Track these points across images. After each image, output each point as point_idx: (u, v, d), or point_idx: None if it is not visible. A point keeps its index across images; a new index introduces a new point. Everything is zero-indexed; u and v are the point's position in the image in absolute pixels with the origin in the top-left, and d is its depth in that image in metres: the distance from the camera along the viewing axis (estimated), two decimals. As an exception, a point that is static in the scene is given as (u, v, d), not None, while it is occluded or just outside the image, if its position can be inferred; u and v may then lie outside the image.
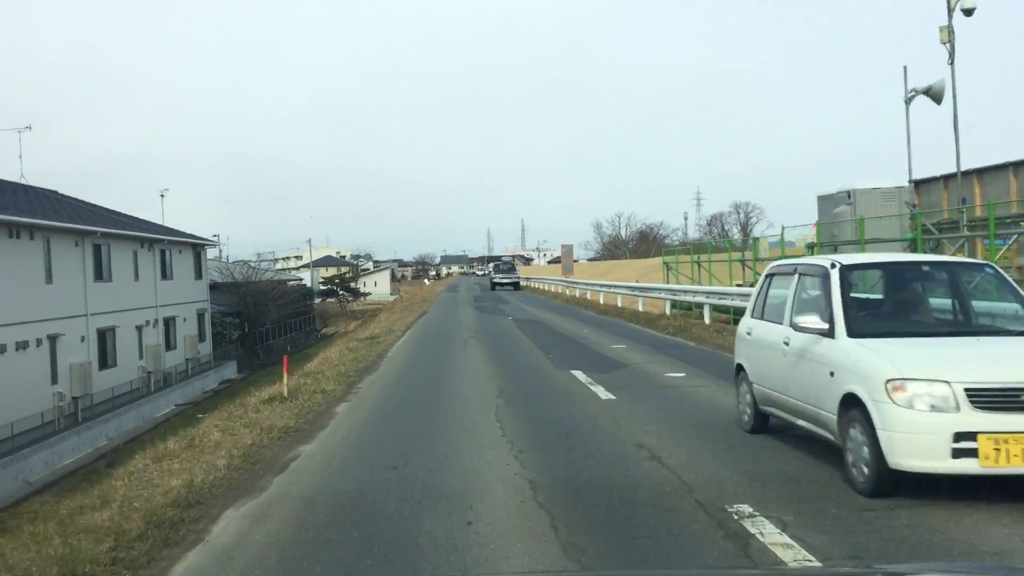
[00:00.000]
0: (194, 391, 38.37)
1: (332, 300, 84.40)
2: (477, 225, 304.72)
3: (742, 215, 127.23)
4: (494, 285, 53.38)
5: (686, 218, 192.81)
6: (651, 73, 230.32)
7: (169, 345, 38.42)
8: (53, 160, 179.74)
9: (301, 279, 73.76)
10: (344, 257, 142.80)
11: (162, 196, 51.75)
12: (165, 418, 33.05)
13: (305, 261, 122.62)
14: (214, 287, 47.09)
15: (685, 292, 21.21)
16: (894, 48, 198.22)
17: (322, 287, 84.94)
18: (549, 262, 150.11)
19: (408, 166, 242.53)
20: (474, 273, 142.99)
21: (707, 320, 19.50)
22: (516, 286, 52.62)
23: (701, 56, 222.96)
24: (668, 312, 22.68)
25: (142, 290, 35.71)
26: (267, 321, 51.27)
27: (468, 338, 19.81)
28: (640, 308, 26.05)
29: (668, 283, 25.57)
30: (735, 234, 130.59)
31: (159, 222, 46.95)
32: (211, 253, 62.69)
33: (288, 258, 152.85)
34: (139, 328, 35.16)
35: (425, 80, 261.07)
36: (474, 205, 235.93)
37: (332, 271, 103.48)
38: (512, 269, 56.77)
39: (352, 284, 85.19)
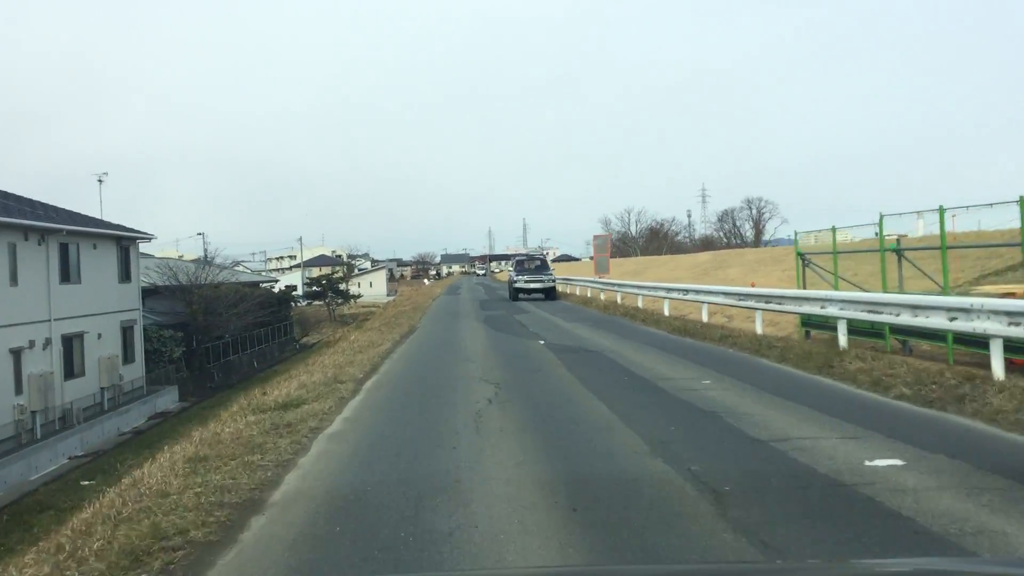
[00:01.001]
0: (105, 434, 27.79)
1: (319, 303, 73.77)
2: (478, 224, 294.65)
3: (754, 211, 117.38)
4: (516, 292, 34.15)
5: (689, 215, 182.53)
6: (654, 68, 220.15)
7: (72, 371, 27.88)
8: (46, 160, 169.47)
9: (276, 280, 63.05)
10: (340, 257, 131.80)
11: (100, 181, 41.34)
12: (40, 484, 22.53)
13: (299, 261, 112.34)
14: (152, 292, 36.55)
15: (916, 308, 10.35)
16: (898, 44, 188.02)
17: (308, 289, 74.21)
18: (553, 261, 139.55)
19: (407, 164, 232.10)
20: (475, 273, 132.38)
21: (999, 371, 8.81)
22: (550, 294, 34.07)
23: (705, 50, 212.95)
24: (844, 343, 12.13)
25: (24, 298, 25.14)
26: (226, 333, 40.71)
27: (482, 408, 9.24)
28: (758, 328, 15.53)
29: (803, 287, 14.99)
30: (747, 231, 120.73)
31: (98, 212, 36.62)
32: (157, 251, 51.85)
33: (282, 258, 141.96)
34: (16, 352, 24.63)
35: (425, 77, 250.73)
36: (475, 204, 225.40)
37: (327, 271, 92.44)
38: (543, 267, 36.30)
39: (341, 285, 74.44)
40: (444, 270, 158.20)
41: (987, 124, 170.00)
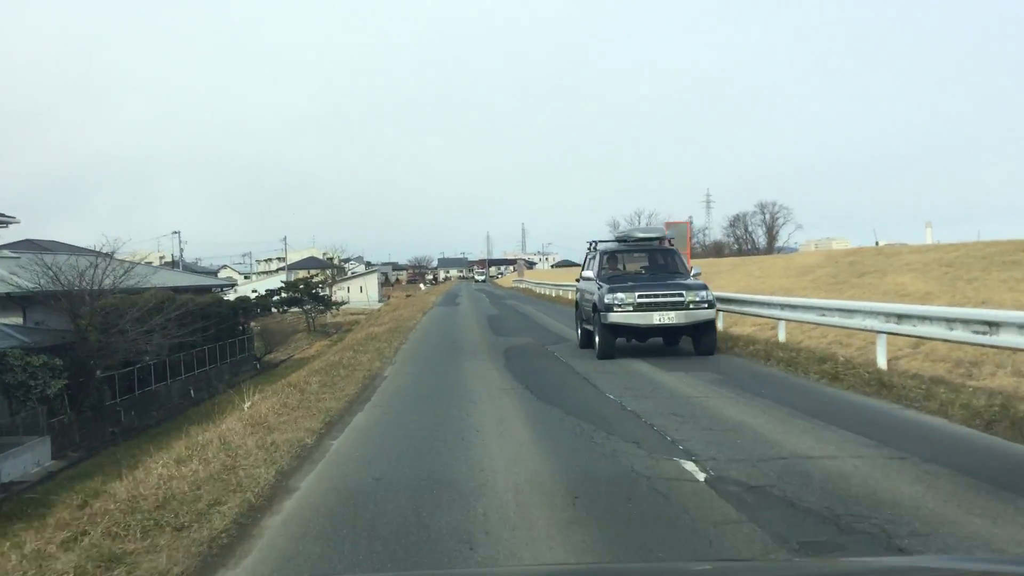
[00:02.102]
0: None
1: (297, 310, 62.38)
2: (476, 228, 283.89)
3: (767, 216, 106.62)
4: (612, 334, 13.35)
5: (691, 221, 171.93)
6: (656, 72, 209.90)
7: None
8: (42, 160, 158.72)
9: (234, 284, 51.71)
10: (331, 259, 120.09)
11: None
12: None
13: (291, 261, 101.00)
14: (29, 301, 25.27)
15: None
16: (906, 46, 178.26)
17: (285, 295, 62.71)
18: (553, 266, 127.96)
19: (404, 166, 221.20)
20: (474, 279, 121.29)
21: None
22: (705, 339, 13.43)
23: (710, 54, 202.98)
24: None
25: None
26: (147, 355, 29.36)
27: None
28: None
29: None
30: (760, 236, 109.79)
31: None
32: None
33: (270, 260, 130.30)
34: None
35: (424, 81, 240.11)
36: (473, 208, 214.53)
37: (315, 274, 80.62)
38: (674, 265, 14.92)
39: (322, 290, 63.09)
40: (441, 275, 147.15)
41: (998, 130, 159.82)
